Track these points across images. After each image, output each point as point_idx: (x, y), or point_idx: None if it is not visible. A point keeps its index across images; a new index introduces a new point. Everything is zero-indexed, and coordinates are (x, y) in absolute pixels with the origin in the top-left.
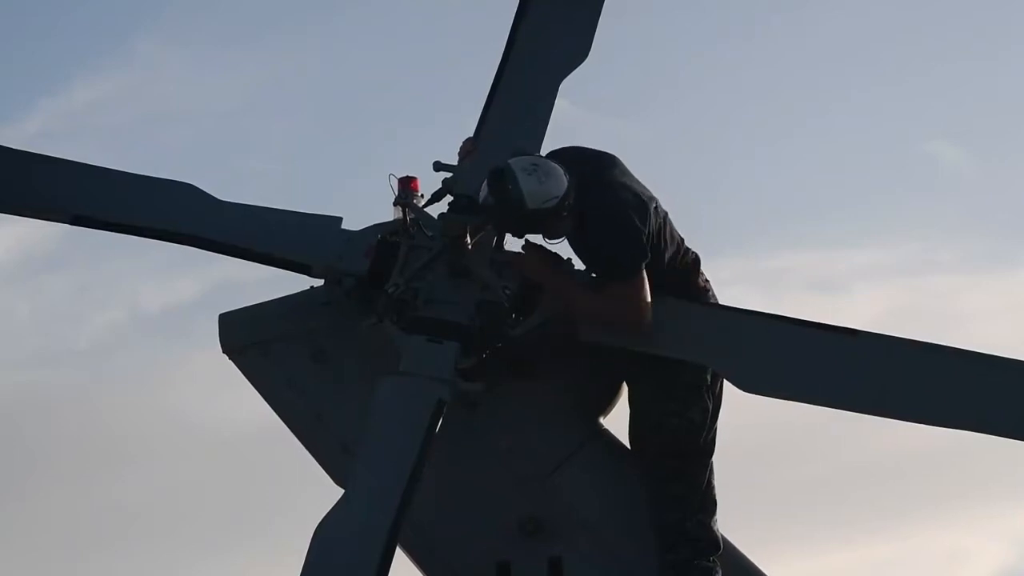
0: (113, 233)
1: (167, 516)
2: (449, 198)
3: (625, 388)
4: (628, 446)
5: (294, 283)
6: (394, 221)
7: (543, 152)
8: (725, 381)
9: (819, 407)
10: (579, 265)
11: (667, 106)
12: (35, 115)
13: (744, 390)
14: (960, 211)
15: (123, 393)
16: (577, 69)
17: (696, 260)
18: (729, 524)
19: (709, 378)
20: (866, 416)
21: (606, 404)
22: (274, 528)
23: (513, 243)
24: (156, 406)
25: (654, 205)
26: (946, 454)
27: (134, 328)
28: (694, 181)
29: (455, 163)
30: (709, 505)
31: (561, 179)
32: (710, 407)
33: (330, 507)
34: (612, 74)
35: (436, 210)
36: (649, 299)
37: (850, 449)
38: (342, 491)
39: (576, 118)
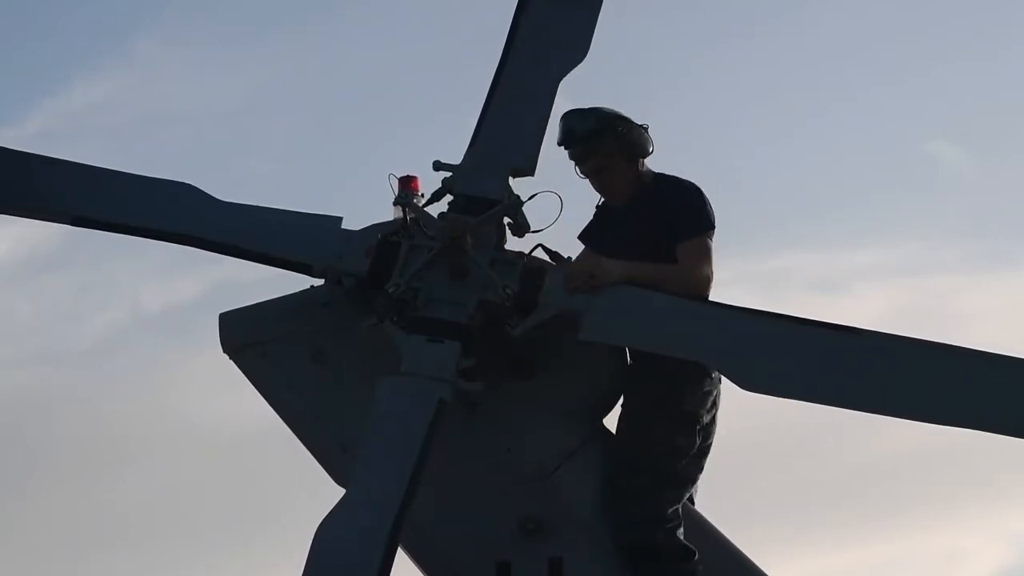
0: (113, 233)
1: (167, 516)
2: (449, 198)
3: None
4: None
5: (294, 283)
6: (394, 221)
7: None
8: (719, 404)
9: (820, 406)
10: None
11: (667, 106)
12: (35, 115)
13: (745, 389)
14: (960, 211)
15: (124, 393)
16: (577, 69)
17: None
18: (729, 524)
19: (706, 418)
20: (867, 415)
21: (606, 404)
22: (274, 528)
23: (514, 244)
24: (156, 406)
25: None
26: (945, 454)
27: (135, 328)
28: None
29: (455, 163)
30: (676, 519)
31: None
32: (697, 442)
33: (330, 507)
34: (612, 74)
35: (436, 210)
36: None
37: (849, 449)
38: (343, 491)
39: None
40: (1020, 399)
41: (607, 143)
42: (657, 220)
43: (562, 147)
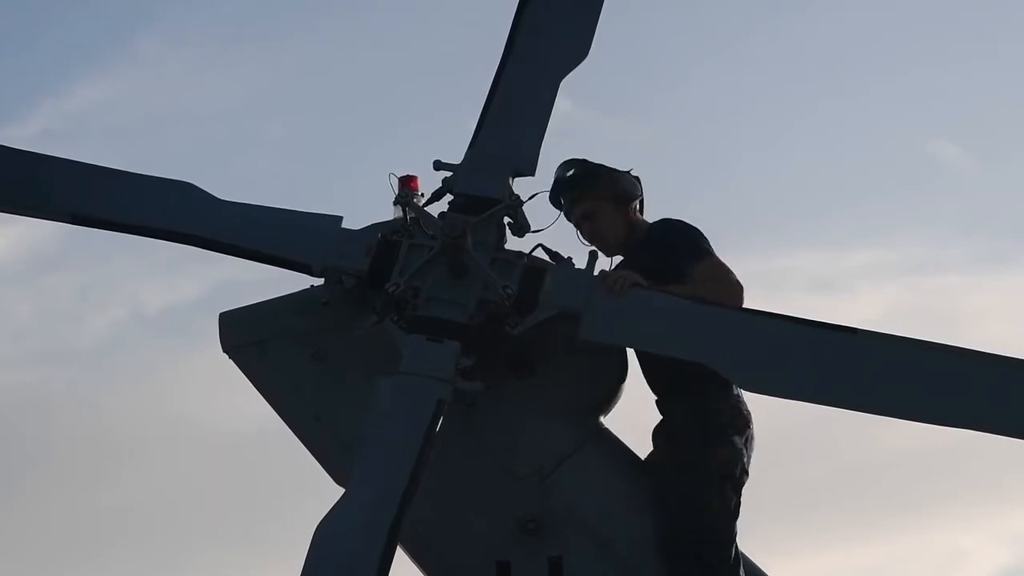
0: (114, 233)
1: (167, 516)
2: (449, 197)
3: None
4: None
5: (294, 283)
6: (394, 220)
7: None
8: (752, 449)
9: (819, 407)
10: None
11: (667, 106)
12: (37, 114)
13: (744, 389)
14: (961, 211)
15: (124, 393)
16: (577, 69)
17: None
18: None
19: (738, 471)
20: (866, 415)
21: (606, 404)
22: (274, 528)
23: (514, 244)
24: (156, 406)
25: None
26: (945, 454)
27: (135, 328)
28: (694, 181)
29: (455, 163)
30: (736, 561)
31: None
32: (733, 499)
33: (330, 507)
34: (612, 74)
35: (436, 210)
36: None
37: (849, 449)
38: (342, 491)
39: (576, 118)
40: (1020, 400)
41: (591, 185)
42: (649, 263)
43: (555, 207)
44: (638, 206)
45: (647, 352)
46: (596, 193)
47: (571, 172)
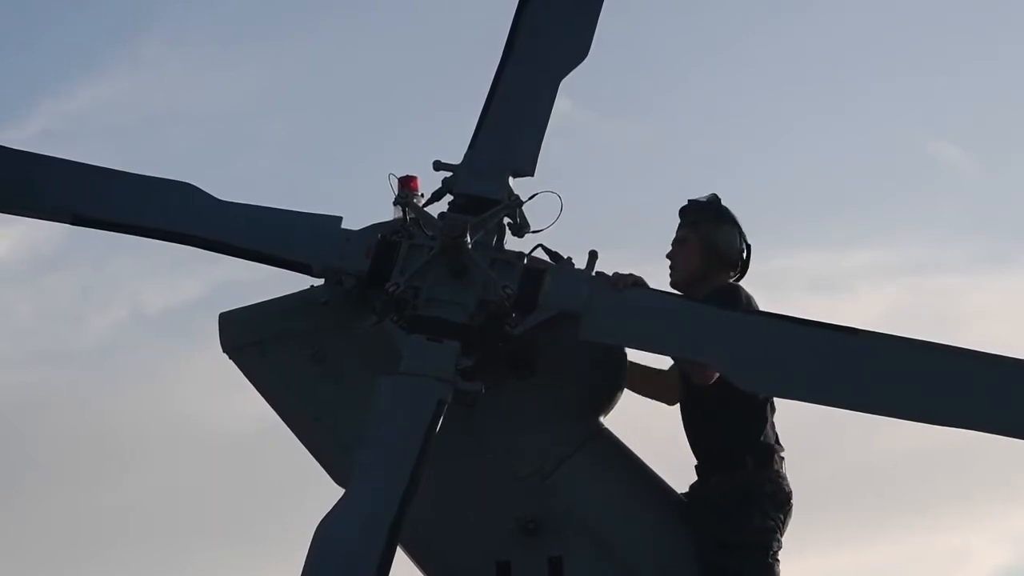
0: (114, 233)
1: (167, 516)
2: (449, 198)
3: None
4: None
5: (294, 283)
6: (394, 220)
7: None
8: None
9: (819, 407)
10: None
11: (667, 107)
12: (37, 115)
13: (746, 389)
14: (962, 212)
15: (124, 393)
16: (578, 69)
17: None
18: None
19: (774, 545)
20: (866, 416)
21: (606, 404)
22: (274, 528)
23: (514, 244)
24: (157, 406)
25: None
26: (946, 454)
27: (136, 328)
28: (694, 181)
29: (455, 163)
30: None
31: None
32: (775, 566)
33: (330, 507)
34: (612, 74)
35: (436, 210)
36: None
37: (850, 449)
38: (342, 491)
39: (576, 118)
40: (1020, 400)
41: (700, 221)
42: None
43: (679, 216)
44: (734, 273)
45: (694, 422)
46: (698, 228)
47: (704, 199)
